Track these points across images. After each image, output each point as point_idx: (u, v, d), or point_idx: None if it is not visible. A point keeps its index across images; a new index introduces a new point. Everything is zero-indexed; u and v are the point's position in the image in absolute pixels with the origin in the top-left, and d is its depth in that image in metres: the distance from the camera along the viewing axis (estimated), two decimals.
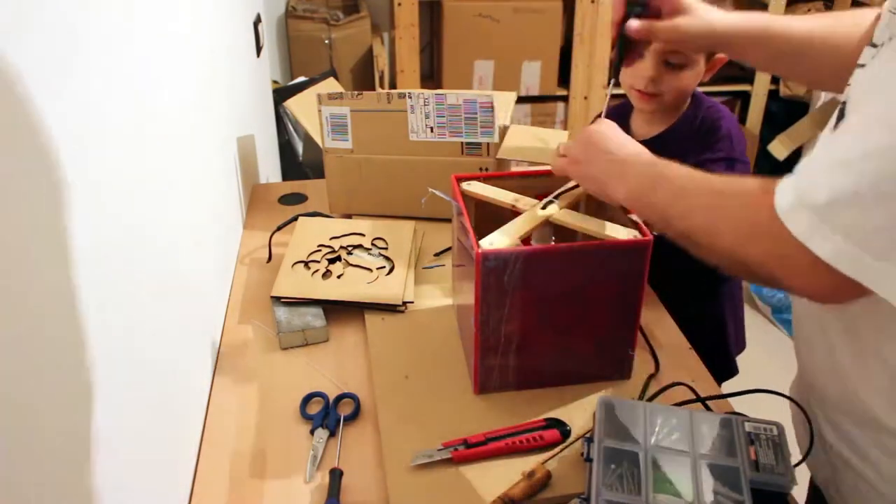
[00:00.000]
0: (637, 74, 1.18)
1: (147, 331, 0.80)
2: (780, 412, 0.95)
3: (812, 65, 0.96)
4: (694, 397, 0.95)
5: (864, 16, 0.90)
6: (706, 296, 1.32)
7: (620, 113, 1.29)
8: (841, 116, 0.70)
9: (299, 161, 2.36)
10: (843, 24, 0.93)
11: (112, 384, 0.69)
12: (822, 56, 0.94)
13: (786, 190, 0.66)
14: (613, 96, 1.09)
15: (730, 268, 0.75)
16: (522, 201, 1.02)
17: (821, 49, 0.94)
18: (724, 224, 0.73)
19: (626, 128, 1.21)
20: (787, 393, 0.94)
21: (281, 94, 2.20)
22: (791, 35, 0.96)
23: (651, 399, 0.95)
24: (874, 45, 0.72)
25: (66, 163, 0.61)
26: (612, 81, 1.06)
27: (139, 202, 0.80)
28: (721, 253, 0.74)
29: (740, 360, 1.42)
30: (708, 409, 0.94)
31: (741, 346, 1.41)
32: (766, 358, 0.94)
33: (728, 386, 1.35)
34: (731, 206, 0.73)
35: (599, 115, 1.05)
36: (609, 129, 0.95)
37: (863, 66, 0.73)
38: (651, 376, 1.05)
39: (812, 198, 0.63)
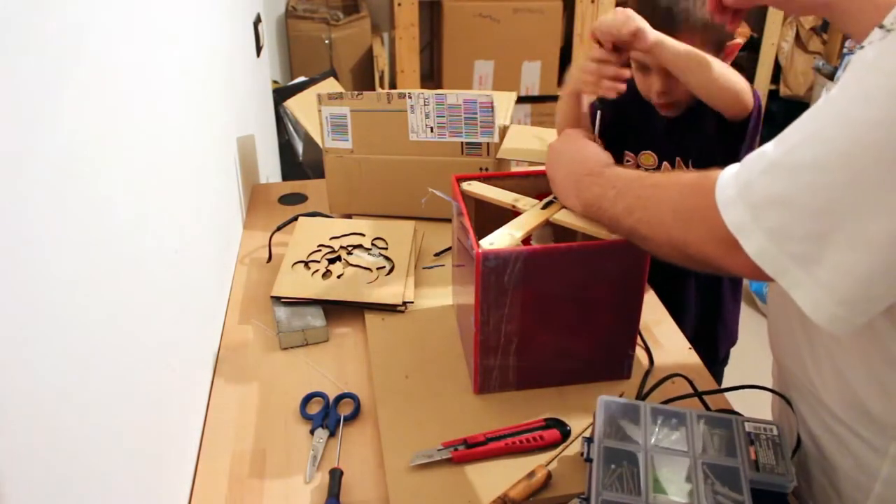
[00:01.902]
0: (649, 90, 1.16)
1: (147, 330, 0.80)
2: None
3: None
4: (690, 391, 0.95)
5: None
6: (704, 284, 1.32)
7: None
8: None
9: (299, 161, 2.36)
10: None
11: (112, 384, 0.69)
12: None
13: (729, 181, 0.68)
14: None
15: (670, 255, 0.77)
16: (522, 201, 1.02)
17: None
18: (664, 212, 0.76)
19: (652, 110, 1.21)
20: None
21: (281, 94, 2.20)
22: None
23: (647, 393, 0.95)
24: (883, 28, 0.71)
25: (65, 163, 0.61)
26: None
27: (139, 202, 0.80)
28: (662, 241, 0.77)
29: (740, 359, 1.42)
30: (705, 405, 0.94)
31: (732, 338, 1.40)
32: (766, 357, 0.94)
33: (727, 383, 1.35)
34: (669, 195, 0.76)
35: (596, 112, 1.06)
36: (564, 144, 0.99)
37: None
38: (647, 373, 1.05)
39: (749, 194, 0.65)
